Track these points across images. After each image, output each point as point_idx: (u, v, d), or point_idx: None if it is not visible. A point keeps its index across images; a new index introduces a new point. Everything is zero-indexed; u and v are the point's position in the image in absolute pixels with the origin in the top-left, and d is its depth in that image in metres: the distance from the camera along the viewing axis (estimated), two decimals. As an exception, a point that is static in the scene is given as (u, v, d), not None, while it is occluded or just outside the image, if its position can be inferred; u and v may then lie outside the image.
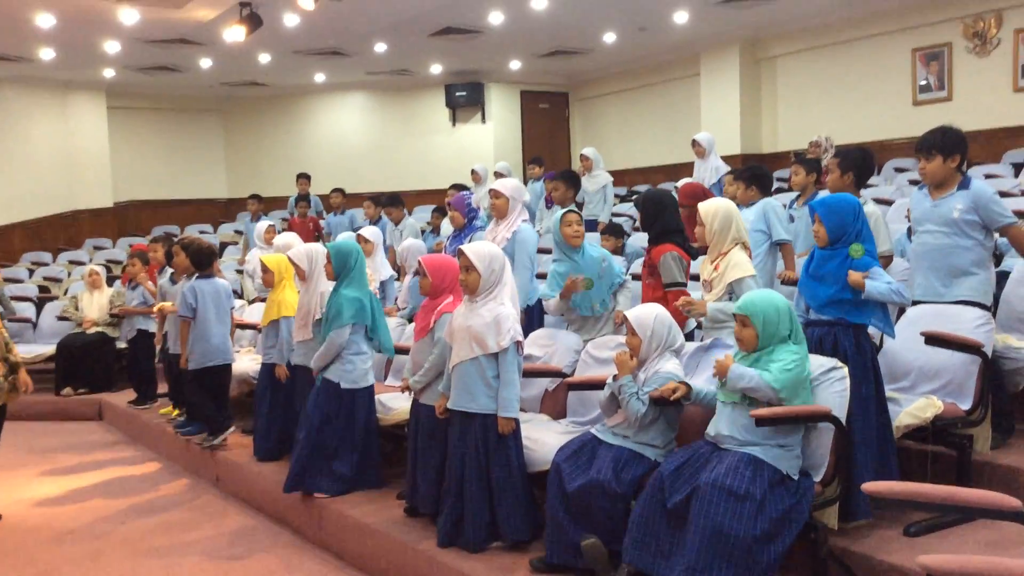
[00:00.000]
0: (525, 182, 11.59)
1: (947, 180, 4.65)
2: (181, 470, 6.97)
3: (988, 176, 8.84)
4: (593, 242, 5.82)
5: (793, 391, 3.54)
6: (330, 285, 5.45)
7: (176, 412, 7.62)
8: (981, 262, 4.58)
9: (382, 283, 7.32)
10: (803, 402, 3.57)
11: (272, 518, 5.67)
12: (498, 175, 10.82)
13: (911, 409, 4.07)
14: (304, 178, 12.51)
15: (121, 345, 9.27)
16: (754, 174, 6.05)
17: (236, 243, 13.37)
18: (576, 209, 5.43)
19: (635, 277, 6.64)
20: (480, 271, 4.24)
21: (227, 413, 6.67)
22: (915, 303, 4.69)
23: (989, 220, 4.52)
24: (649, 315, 4.02)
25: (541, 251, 6.90)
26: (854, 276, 3.97)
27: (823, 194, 6.46)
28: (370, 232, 7.49)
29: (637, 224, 10.37)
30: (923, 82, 11.61)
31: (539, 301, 5.96)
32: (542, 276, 6.79)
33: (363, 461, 5.31)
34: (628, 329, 4.04)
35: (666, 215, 5.13)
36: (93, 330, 9.23)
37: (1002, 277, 5.00)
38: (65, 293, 11.44)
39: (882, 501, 2.84)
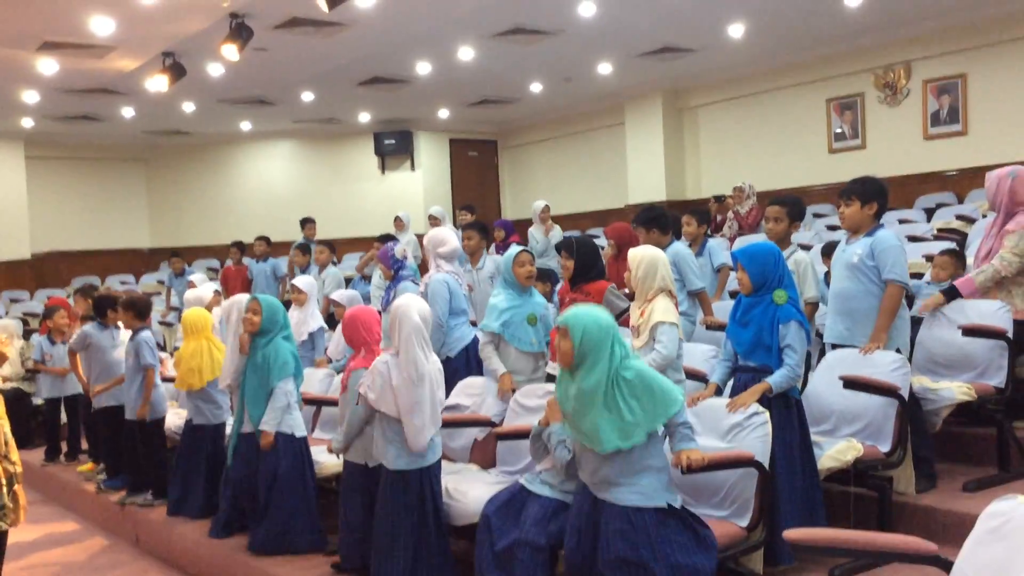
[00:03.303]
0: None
1: (862, 226, 4.81)
2: (99, 530, 6.73)
3: (901, 221, 9.15)
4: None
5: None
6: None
7: (92, 467, 7.43)
8: None
9: (311, 334, 7.20)
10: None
11: (194, 579, 5.51)
12: (431, 219, 10.84)
13: (832, 452, 4.15)
14: (310, 223, 12.24)
15: (37, 401, 8.97)
16: (649, 217, 5.93)
17: (159, 293, 13.12)
18: (529, 249, 5.40)
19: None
20: None
21: (163, 471, 6.45)
22: (833, 346, 4.82)
23: (880, 267, 4.63)
24: None
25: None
26: (752, 394, 3.95)
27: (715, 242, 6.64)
28: (303, 282, 7.40)
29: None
30: (838, 131, 12.02)
31: (464, 349, 5.96)
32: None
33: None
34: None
35: (600, 261, 5.18)
36: (7, 385, 8.91)
37: (916, 322, 5.15)
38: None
39: (805, 547, 2.87)
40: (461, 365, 5.93)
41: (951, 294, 5.11)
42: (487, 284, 6.86)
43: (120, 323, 6.92)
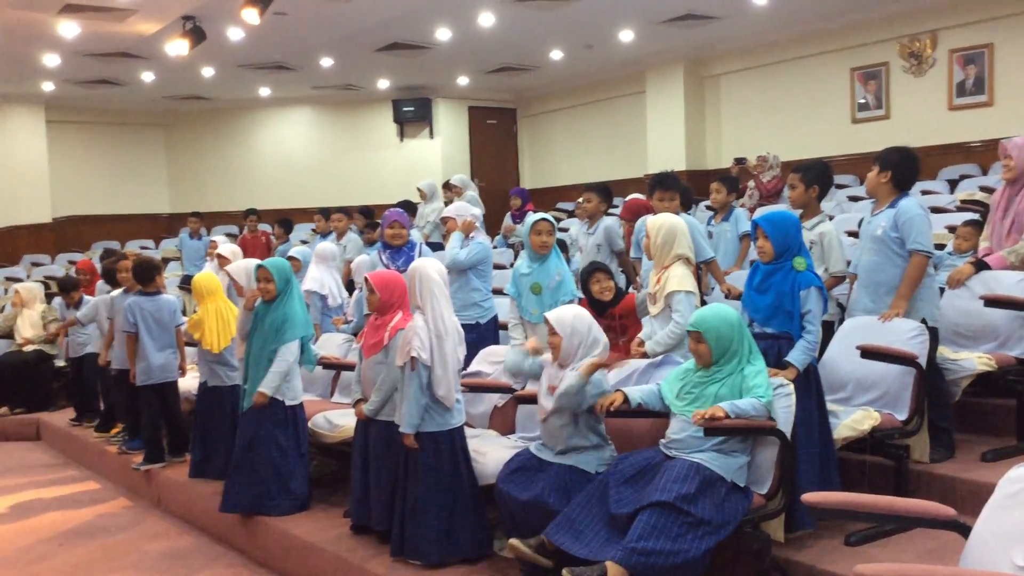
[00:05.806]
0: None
1: (879, 194, 4.76)
2: (122, 490, 6.82)
3: (924, 192, 9.06)
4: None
5: (774, 408, 3.65)
6: None
7: (105, 433, 7.56)
8: None
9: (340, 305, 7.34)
10: (774, 414, 3.64)
11: (214, 538, 5.57)
12: (453, 188, 10.85)
13: (849, 422, 4.14)
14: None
15: (60, 363, 9.08)
16: (657, 182, 5.81)
17: (178, 259, 13.17)
18: (549, 217, 5.29)
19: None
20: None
21: (182, 434, 6.53)
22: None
23: (904, 238, 4.57)
24: (568, 314, 4.01)
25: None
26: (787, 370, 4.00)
27: (741, 210, 6.60)
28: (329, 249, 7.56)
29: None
30: (862, 100, 11.88)
31: (493, 319, 6.08)
32: (498, 291, 6.83)
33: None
34: (549, 329, 4.01)
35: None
36: (30, 348, 9.02)
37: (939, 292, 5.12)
38: (1, 311, 11.17)
39: (824, 511, 2.88)
40: (489, 334, 6.00)
41: (980, 267, 5.06)
42: (595, 250, 6.77)
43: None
